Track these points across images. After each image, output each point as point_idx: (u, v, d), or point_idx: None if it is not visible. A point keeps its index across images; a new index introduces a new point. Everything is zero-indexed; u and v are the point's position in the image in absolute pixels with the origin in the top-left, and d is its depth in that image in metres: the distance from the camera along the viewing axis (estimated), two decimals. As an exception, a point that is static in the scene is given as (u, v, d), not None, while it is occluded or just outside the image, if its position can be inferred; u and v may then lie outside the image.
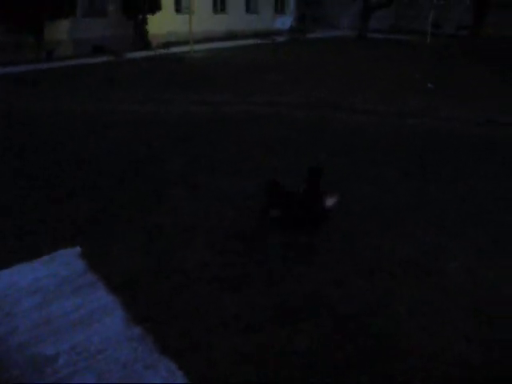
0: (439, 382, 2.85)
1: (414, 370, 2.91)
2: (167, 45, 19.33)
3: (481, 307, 3.44)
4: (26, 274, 3.77)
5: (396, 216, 4.79)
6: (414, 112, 8.72)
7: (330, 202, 4.13)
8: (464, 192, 5.37)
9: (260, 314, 3.34)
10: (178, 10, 21.06)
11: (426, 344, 3.10)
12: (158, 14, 19.06)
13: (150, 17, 18.87)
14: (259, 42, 21.40)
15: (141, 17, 18.62)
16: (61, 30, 16.89)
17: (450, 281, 3.74)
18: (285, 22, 26.79)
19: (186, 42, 18.53)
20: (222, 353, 3.00)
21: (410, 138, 7.30)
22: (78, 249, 4.13)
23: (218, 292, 3.55)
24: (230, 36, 22.85)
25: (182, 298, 3.51)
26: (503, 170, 6.01)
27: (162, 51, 18.22)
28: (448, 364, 2.95)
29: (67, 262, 3.97)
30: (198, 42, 19.39)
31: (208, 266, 3.90)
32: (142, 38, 18.89)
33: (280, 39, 22.12)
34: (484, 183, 5.65)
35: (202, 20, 21.12)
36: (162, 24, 19.74)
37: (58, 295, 3.54)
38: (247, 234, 4.36)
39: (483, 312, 3.39)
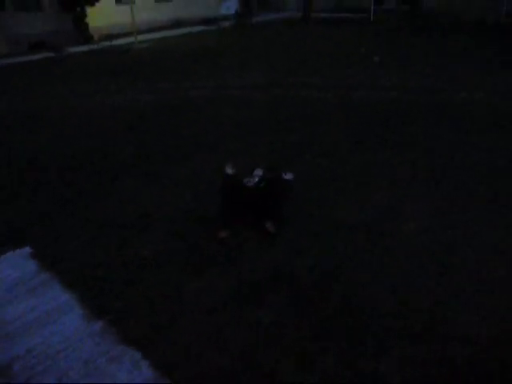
0: (407, 339, 2.86)
1: (382, 331, 2.91)
2: (110, 37, 18.70)
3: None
4: (-27, 280, 3.80)
5: (350, 184, 4.82)
6: (361, 84, 8.91)
7: (288, 176, 4.20)
8: (415, 156, 5.44)
9: (223, 294, 3.29)
10: (118, 0, 20.41)
11: (390, 305, 3.11)
12: (97, 6, 18.32)
13: (89, 9, 18.11)
14: (205, 28, 21.12)
15: (79, 9, 17.87)
16: (-11, 26, 16.34)
17: (407, 241, 3.77)
18: (230, 7, 26.30)
19: (129, 34, 18.03)
20: (187, 336, 2.93)
21: (359, 108, 7.35)
22: (27, 249, 3.94)
23: (179, 276, 3.48)
24: (175, 24, 22.38)
25: (141, 286, 3.41)
26: (453, 133, 6.10)
27: (105, 44, 17.52)
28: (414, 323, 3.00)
29: (17, 263, 3.79)
30: (142, 32, 18.90)
31: (166, 251, 3.81)
32: (82, 32, 18.17)
33: (226, 25, 21.94)
34: (436, 145, 5.73)
35: (145, 9, 20.61)
36: (102, 16, 19.06)
37: (10, 299, 3.37)
38: (206, 218, 4.26)
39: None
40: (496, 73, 9.29)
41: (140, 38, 17.63)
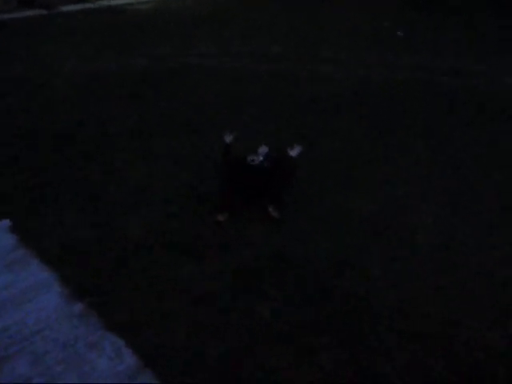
0: (410, 338, 2.86)
1: (385, 331, 2.92)
2: (108, -4, 18.71)
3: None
4: None
5: (364, 171, 4.77)
6: (382, 63, 8.71)
7: (294, 151, 4.09)
8: (434, 144, 5.37)
9: (217, 281, 3.26)
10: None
11: (394, 302, 3.12)
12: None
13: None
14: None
15: (75, -37, 17.77)
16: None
17: (418, 237, 3.77)
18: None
19: (129, -7, 18.04)
20: (175, 325, 2.90)
21: (378, 91, 7.16)
22: (6, 222, 3.89)
23: (172, 259, 3.45)
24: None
25: (129, 267, 3.37)
26: (479, 120, 5.97)
27: (103, 3, 17.31)
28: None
29: (-6, 236, 3.95)
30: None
31: (159, 232, 3.77)
32: (77, -11, 18.14)
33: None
34: (459, 135, 5.60)
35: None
36: (100, -28, 18.94)
37: (-17, 273, 3.50)
38: (204, 198, 4.21)
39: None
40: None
41: (140, -2, 17.52)
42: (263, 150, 4.23)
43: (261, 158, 4.10)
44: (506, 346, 2.84)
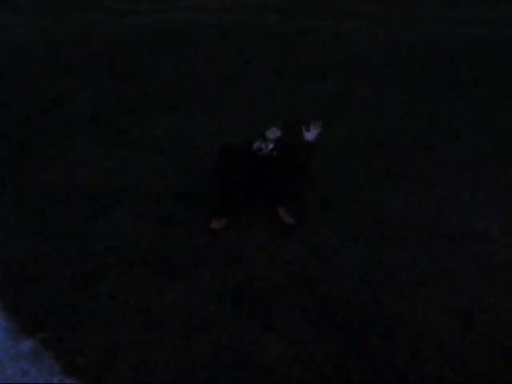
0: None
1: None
2: None
3: None
4: None
5: (404, 162, 4.37)
6: (424, 15, 8.12)
7: (311, 134, 3.75)
8: (486, 122, 4.97)
9: (210, 307, 2.87)
10: None
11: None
12: None
13: None
14: None
15: None
16: None
17: (485, 250, 3.32)
18: None
19: None
20: (159, 369, 2.46)
21: (417, 51, 6.72)
22: None
23: (151, 278, 3.09)
24: None
25: (96, 287, 3.00)
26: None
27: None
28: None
29: None
30: None
31: (136, 242, 3.39)
32: None
33: None
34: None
35: None
36: None
37: None
38: (194, 199, 3.80)
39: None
40: None
41: None
42: (274, 133, 3.79)
43: (271, 146, 3.68)
44: None
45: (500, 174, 4.17)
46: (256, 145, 3.71)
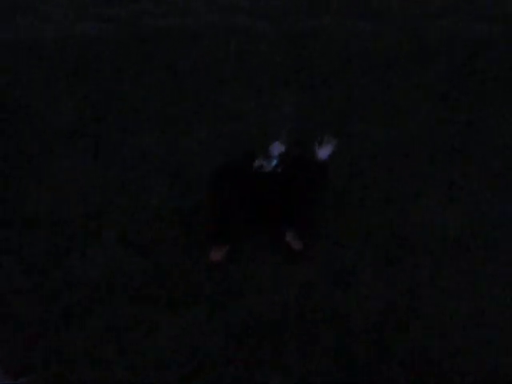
0: None
1: None
2: None
3: None
4: None
5: (427, 167, 4.47)
6: (447, 9, 8.27)
7: (324, 151, 3.80)
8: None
9: (215, 349, 2.93)
10: None
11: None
12: None
13: None
14: None
15: None
16: None
17: None
18: None
19: None
20: None
21: (437, 50, 6.75)
22: None
23: (149, 312, 3.19)
24: None
25: (80, 327, 3.10)
26: None
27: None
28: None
29: None
30: None
31: (119, 275, 3.47)
32: None
33: None
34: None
35: None
36: None
37: None
38: (189, 225, 3.87)
39: None
40: None
41: None
42: (277, 149, 3.81)
43: (274, 163, 3.73)
44: None
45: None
46: (256, 163, 3.73)
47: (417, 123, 5.13)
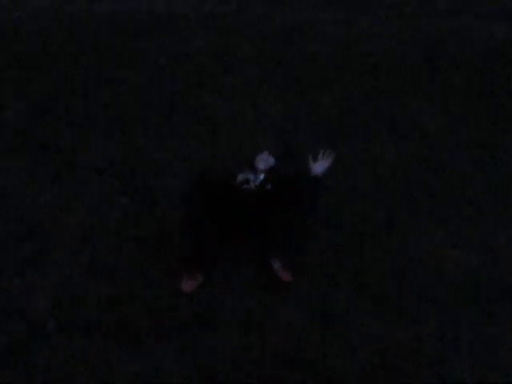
0: None
1: None
2: None
3: None
4: None
5: (435, 192, 4.27)
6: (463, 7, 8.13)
7: (318, 167, 3.63)
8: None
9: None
10: None
11: None
12: None
13: None
14: None
15: None
16: None
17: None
18: None
19: None
20: None
21: (451, 54, 6.54)
22: None
23: (107, 345, 3.08)
24: None
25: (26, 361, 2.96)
26: None
27: None
28: None
29: None
30: None
31: (82, 301, 3.27)
32: None
33: None
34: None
35: None
36: None
37: None
38: (158, 245, 3.67)
39: None
40: None
41: None
42: (265, 161, 3.65)
43: (261, 178, 3.54)
44: None
45: None
46: (241, 176, 3.53)
47: (423, 141, 4.96)
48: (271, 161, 3.69)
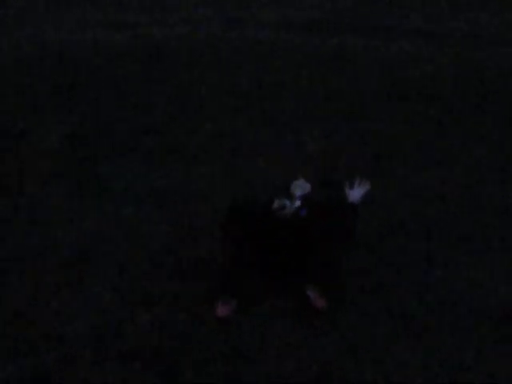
0: None
1: None
2: None
3: None
4: None
5: (479, 224, 4.29)
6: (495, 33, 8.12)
7: (355, 194, 3.71)
8: None
9: None
10: None
11: None
12: None
13: None
14: None
15: None
16: None
17: None
18: None
19: None
20: None
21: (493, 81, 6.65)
22: None
23: (143, 376, 3.07)
24: None
25: None
26: None
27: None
28: None
29: None
30: None
31: (107, 333, 3.33)
32: None
33: None
34: None
35: None
36: None
37: None
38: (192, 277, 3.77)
39: None
40: None
41: None
42: (302, 187, 3.68)
43: (297, 204, 3.60)
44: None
45: None
46: (277, 203, 3.56)
47: (466, 172, 5.03)
48: (307, 187, 3.70)
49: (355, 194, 3.66)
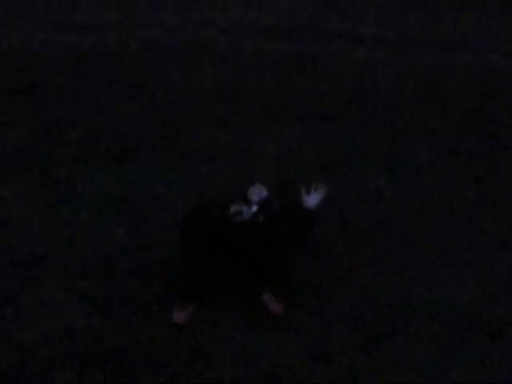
0: None
1: None
2: None
3: None
4: None
5: (429, 226, 4.36)
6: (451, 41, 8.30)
7: (311, 200, 3.72)
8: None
9: None
10: None
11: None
12: None
13: None
14: None
15: None
16: None
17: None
18: None
19: None
20: None
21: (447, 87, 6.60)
22: None
23: (96, 378, 3.12)
24: None
25: None
26: None
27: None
28: None
29: None
30: None
31: (60, 335, 3.35)
32: None
33: None
34: None
35: None
36: None
37: None
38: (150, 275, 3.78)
39: None
40: None
41: None
42: (258, 192, 3.72)
43: (254, 209, 3.65)
44: None
45: None
46: (234, 208, 3.60)
47: (418, 175, 5.08)
48: (263, 193, 3.73)
49: (311, 199, 3.69)
